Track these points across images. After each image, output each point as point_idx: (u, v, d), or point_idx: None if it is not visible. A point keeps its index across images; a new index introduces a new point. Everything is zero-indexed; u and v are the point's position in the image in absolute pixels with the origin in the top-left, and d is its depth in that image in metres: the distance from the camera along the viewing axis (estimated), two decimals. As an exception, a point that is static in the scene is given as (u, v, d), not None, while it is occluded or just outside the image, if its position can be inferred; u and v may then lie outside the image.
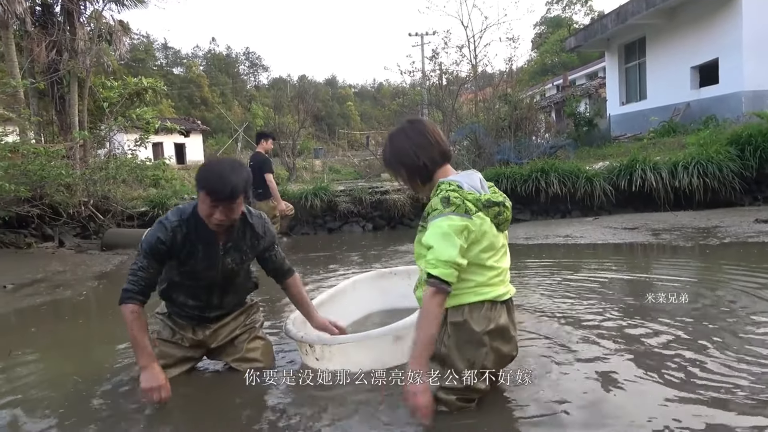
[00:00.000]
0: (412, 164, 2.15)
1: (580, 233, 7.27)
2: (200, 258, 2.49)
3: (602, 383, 2.44)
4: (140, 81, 13.51)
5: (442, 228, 1.98)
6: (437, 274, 1.95)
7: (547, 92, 27.10)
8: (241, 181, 2.33)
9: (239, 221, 2.52)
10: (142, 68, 41.42)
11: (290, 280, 2.83)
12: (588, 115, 16.39)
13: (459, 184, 2.08)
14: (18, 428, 2.34)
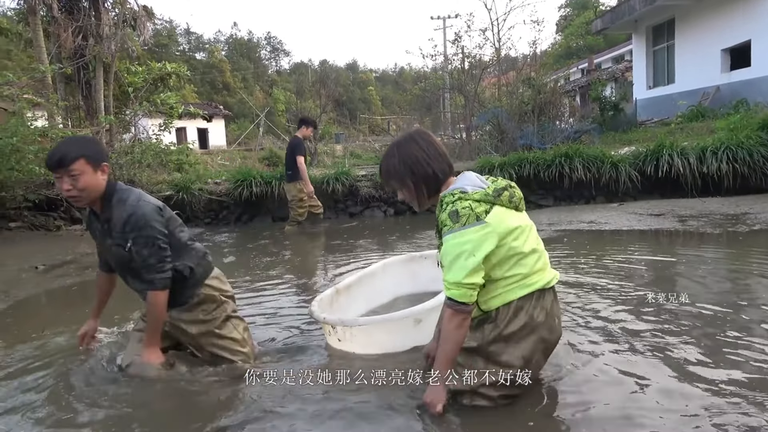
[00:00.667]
0: (423, 173, 2.06)
1: (605, 219, 7.18)
2: (98, 237, 2.61)
3: (624, 380, 2.42)
4: (164, 66, 13.61)
5: (454, 247, 1.95)
6: (450, 296, 1.96)
7: (571, 76, 26.62)
8: (72, 150, 2.32)
9: (110, 199, 2.45)
10: (165, 53, 41.73)
11: (148, 295, 2.50)
12: (614, 99, 16.07)
13: (461, 189, 2.02)
14: (53, 394, 2.48)
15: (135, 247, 2.41)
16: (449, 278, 1.95)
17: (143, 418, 2.26)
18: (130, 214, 2.41)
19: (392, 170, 2.10)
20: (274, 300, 4.15)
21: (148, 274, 2.45)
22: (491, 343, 2.04)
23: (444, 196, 2.05)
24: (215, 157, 20.19)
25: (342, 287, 3.29)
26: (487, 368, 2.05)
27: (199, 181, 9.64)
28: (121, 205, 2.44)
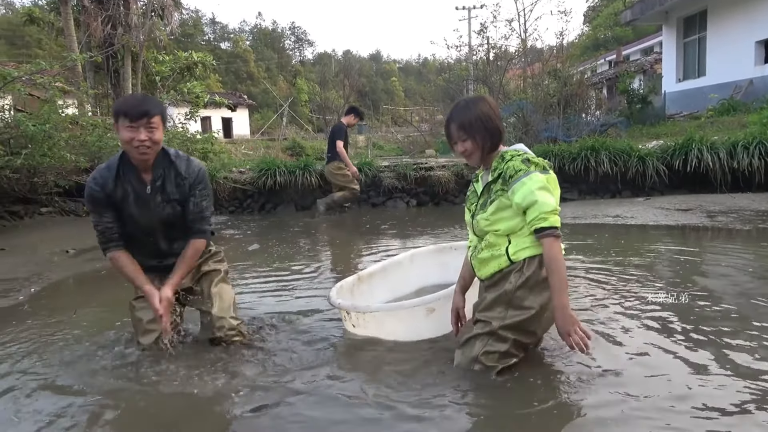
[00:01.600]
0: (494, 128, 2.30)
1: (631, 213, 7.08)
2: (132, 201, 2.55)
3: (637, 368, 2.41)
4: (191, 55, 13.78)
5: (536, 183, 2.16)
6: (550, 224, 2.13)
7: (598, 68, 26.18)
8: (154, 105, 2.45)
9: (164, 160, 2.56)
10: (191, 43, 42.18)
11: (192, 242, 2.65)
12: (642, 91, 15.79)
13: (524, 150, 2.32)
14: (84, 366, 2.61)
15: (197, 199, 2.60)
16: (543, 209, 2.12)
17: (156, 396, 2.33)
18: (201, 168, 2.64)
19: (466, 123, 2.30)
20: (295, 286, 4.20)
21: (202, 224, 2.64)
22: (517, 289, 2.24)
23: (506, 152, 2.31)
24: (239, 146, 20.38)
25: (365, 275, 3.31)
26: (507, 312, 2.26)
27: (224, 170, 9.75)
28: (185, 161, 2.61)
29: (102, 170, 2.55)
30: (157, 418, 2.14)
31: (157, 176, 2.55)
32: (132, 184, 2.54)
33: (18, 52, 32.64)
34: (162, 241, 2.67)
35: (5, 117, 7.53)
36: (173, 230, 2.66)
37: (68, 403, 2.25)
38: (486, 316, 2.31)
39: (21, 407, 2.23)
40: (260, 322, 3.18)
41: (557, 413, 2.05)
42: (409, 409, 2.09)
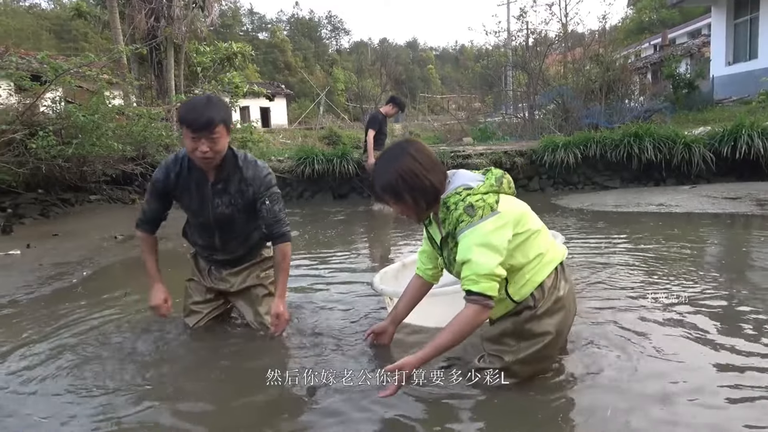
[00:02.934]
0: (421, 186, 1.97)
1: (675, 202, 6.89)
2: (193, 197, 2.58)
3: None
4: (230, 46, 13.99)
5: (476, 238, 1.90)
6: (479, 290, 1.89)
7: (643, 52, 25.33)
8: (218, 112, 2.36)
9: (229, 163, 2.54)
10: (230, 34, 42.76)
11: (277, 247, 2.64)
12: (688, 76, 15.22)
13: (465, 186, 1.98)
14: (129, 345, 2.71)
15: (270, 204, 2.57)
16: (477, 271, 1.89)
17: (201, 377, 2.42)
18: (268, 173, 2.61)
19: (389, 186, 1.99)
20: (336, 273, 4.26)
21: (280, 227, 2.60)
22: (527, 322, 2.04)
23: (448, 197, 1.99)
24: (277, 135, 20.67)
25: (410, 262, 3.33)
26: (519, 344, 2.05)
27: (263, 159, 9.91)
28: (252, 165, 2.58)
29: (169, 162, 2.59)
30: (202, 397, 2.22)
31: (221, 178, 2.55)
32: (195, 181, 2.57)
33: (66, 46, 33.75)
34: (217, 239, 2.70)
35: (57, 108, 7.83)
36: (229, 231, 2.68)
37: (120, 378, 2.36)
38: (496, 350, 2.10)
39: (74, 382, 2.34)
40: (300, 310, 3.25)
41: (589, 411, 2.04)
42: (437, 394, 2.11)
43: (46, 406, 2.14)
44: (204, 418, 2.04)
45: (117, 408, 2.11)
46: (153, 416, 2.04)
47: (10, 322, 3.29)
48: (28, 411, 2.10)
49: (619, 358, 2.35)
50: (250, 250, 2.81)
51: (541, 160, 9.10)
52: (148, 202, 2.67)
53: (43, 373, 2.44)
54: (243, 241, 2.75)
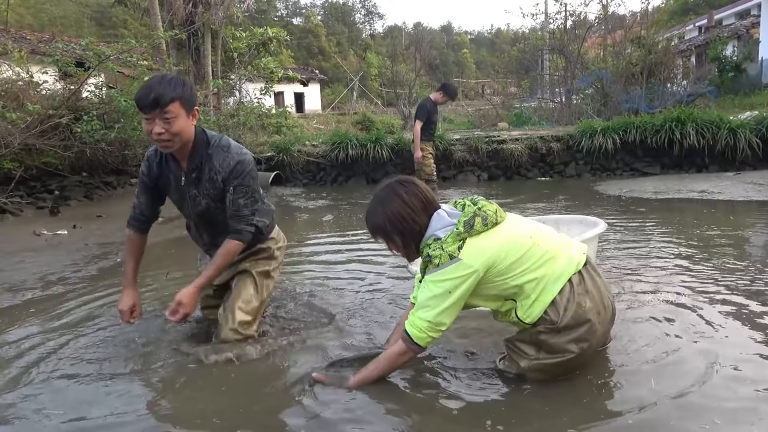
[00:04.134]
0: (410, 230, 1.99)
1: (718, 189, 6.68)
2: (172, 189, 2.39)
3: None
4: (265, 31, 14.08)
5: (430, 285, 1.92)
6: (410, 334, 1.94)
7: (687, 34, 24.45)
8: (171, 89, 2.12)
9: (201, 149, 2.30)
10: (265, 19, 42.95)
11: (225, 241, 2.36)
12: (735, 58, 14.67)
13: (434, 237, 1.96)
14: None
15: (233, 195, 2.31)
16: (419, 315, 1.93)
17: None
18: (238, 161, 2.30)
19: (378, 228, 2.04)
20: (370, 255, 4.30)
21: (237, 223, 2.34)
22: (542, 333, 1.96)
23: (423, 246, 2.00)
24: (310, 120, 20.79)
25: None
26: (539, 355, 1.99)
27: (298, 143, 10.02)
28: (223, 151, 2.32)
29: (151, 153, 2.41)
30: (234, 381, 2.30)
31: (193, 167, 2.32)
32: (173, 172, 2.37)
33: (106, 33, 34.53)
34: (205, 234, 2.53)
35: (100, 94, 8.06)
36: (212, 225, 2.46)
37: (160, 357, 2.45)
38: (515, 355, 2.06)
39: (115, 354, 2.45)
40: (333, 293, 3.30)
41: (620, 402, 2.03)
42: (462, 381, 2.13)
43: (88, 379, 2.25)
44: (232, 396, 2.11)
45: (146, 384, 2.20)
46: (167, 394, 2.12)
47: (59, 299, 3.44)
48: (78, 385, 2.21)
49: (653, 346, 2.32)
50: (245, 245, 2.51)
51: (578, 146, 8.93)
52: (137, 196, 2.47)
53: (87, 345, 2.56)
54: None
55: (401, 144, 9.45)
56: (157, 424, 1.87)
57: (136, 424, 1.87)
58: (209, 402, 2.01)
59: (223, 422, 1.87)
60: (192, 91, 2.25)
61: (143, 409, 1.97)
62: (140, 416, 1.92)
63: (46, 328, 2.87)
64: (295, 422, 1.86)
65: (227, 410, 1.95)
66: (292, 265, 4.10)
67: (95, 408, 1.98)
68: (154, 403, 2.03)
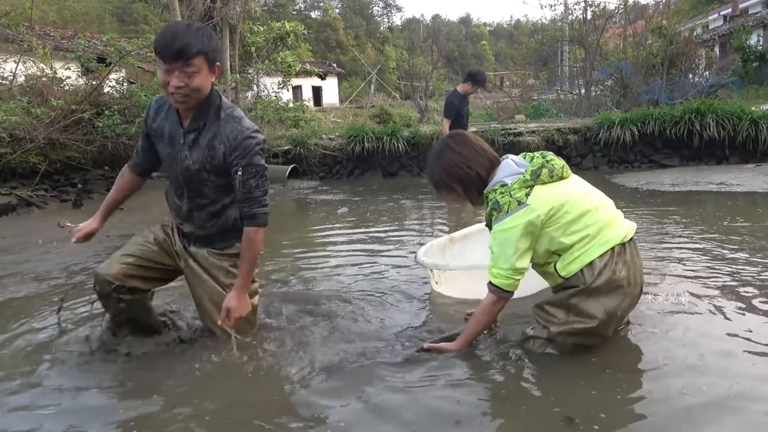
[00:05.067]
0: (467, 176, 2.13)
1: (738, 181, 6.60)
2: (165, 143, 2.19)
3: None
4: (283, 25, 14.16)
5: (500, 235, 2.04)
6: (497, 285, 2.07)
7: (711, 24, 23.97)
8: (198, 40, 1.93)
9: (210, 111, 2.10)
10: (283, 13, 43.07)
11: (245, 230, 2.17)
12: (760, 48, 14.35)
13: (501, 183, 2.08)
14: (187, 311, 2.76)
15: (243, 176, 2.09)
16: (500, 264, 2.05)
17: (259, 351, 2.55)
18: (248, 136, 2.09)
19: (438, 180, 2.19)
20: (384, 247, 4.36)
21: (250, 207, 2.14)
22: (573, 296, 2.07)
23: (487, 193, 2.12)
24: (328, 114, 20.87)
25: (458, 236, 3.38)
26: (568, 318, 2.09)
27: (315, 137, 10.10)
28: (234, 121, 2.10)
29: (159, 99, 2.26)
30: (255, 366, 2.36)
31: (194, 127, 2.12)
32: (170, 124, 2.18)
33: (127, 29, 34.97)
34: (184, 202, 2.25)
35: (121, 88, 8.23)
36: (197, 195, 2.22)
37: (171, 348, 2.53)
38: (545, 320, 2.16)
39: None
40: (347, 283, 3.36)
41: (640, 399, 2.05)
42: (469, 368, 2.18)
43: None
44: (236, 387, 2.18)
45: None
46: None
47: (83, 288, 3.56)
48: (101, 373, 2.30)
49: (666, 335, 2.34)
50: (223, 231, 2.28)
51: (596, 138, 8.86)
52: (141, 140, 2.33)
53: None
54: (214, 214, 2.24)
55: (417, 137, 9.47)
56: (162, 405, 1.95)
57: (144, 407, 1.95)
58: (232, 395, 2.08)
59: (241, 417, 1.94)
60: (218, 45, 2.09)
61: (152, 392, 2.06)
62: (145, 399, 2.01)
63: (72, 315, 2.97)
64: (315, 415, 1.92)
65: (255, 402, 2.02)
66: (306, 257, 4.17)
67: (103, 394, 2.07)
68: (159, 386, 2.11)
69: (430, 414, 1.82)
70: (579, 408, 1.82)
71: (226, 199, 2.21)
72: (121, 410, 1.93)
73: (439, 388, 1.98)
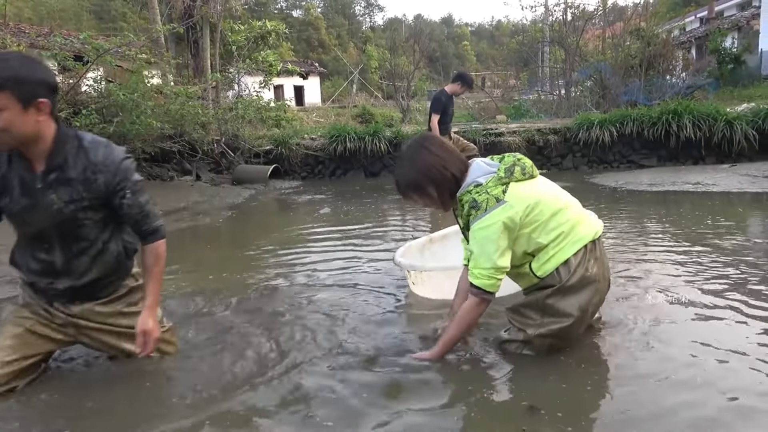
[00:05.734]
0: (442, 178, 2.07)
1: (713, 180, 6.72)
2: (17, 192, 1.91)
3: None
4: (264, 24, 14.06)
5: (480, 233, 2.00)
6: (479, 285, 2.02)
7: (687, 26, 24.39)
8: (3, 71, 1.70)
9: (67, 145, 1.90)
10: (264, 12, 42.82)
11: (150, 247, 2.07)
12: (735, 50, 14.64)
13: (475, 183, 2.05)
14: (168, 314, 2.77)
15: (133, 197, 1.97)
16: (481, 264, 2.00)
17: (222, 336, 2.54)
18: (124, 158, 1.96)
19: (410, 182, 2.11)
20: (365, 248, 4.35)
21: (149, 223, 2.04)
22: (550, 296, 2.08)
23: (461, 195, 2.08)
24: (310, 113, 20.79)
25: (437, 236, 3.38)
26: (543, 319, 2.11)
27: (296, 137, 10.05)
28: (104, 148, 1.94)
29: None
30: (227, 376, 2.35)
31: (54, 165, 1.89)
32: (18, 174, 1.91)
33: (105, 27, 34.45)
34: (58, 254, 2.00)
35: (98, 87, 8.09)
36: (74, 240, 2.00)
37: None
38: (520, 323, 2.17)
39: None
40: (324, 284, 3.35)
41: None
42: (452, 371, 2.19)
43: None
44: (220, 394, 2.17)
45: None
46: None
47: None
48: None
49: (636, 337, 2.38)
50: (106, 272, 2.10)
51: (575, 138, 8.96)
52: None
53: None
54: (95, 256, 2.04)
55: (399, 137, 9.48)
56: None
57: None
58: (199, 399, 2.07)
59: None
60: (39, 77, 1.79)
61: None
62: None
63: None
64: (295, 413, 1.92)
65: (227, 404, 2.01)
66: (287, 257, 4.15)
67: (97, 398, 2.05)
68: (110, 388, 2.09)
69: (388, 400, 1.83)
70: (547, 399, 1.87)
71: (105, 234, 2.05)
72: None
73: (408, 385, 1.99)
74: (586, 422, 1.76)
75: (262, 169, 9.03)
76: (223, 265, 4.06)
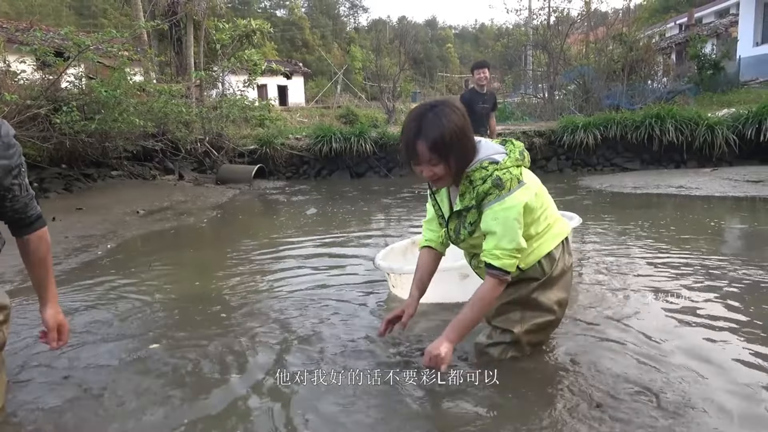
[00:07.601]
0: (466, 148, 1.87)
1: (696, 184, 6.82)
2: None
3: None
4: (249, 23, 13.95)
5: (504, 214, 1.85)
6: (500, 266, 1.88)
7: (668, 32, 24.77)
8: None
9: None
10: (248, 11, 42.56)
11: (37, 234, 1.83)
12: (714, 57, 14.88)
13: (491, 160, 1.90)
14: (150, 317, 2.73)
15: (22, 179, 1.73)
16: (501, 246, 1.87)
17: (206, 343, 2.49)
18: (14, 134, 1.69)
19: (441, 142, 1.80)
20: (350, 248, 4.32)
21: (35, 207, 1.82)
22: (533, 292, 2.07)
23: (473, 171, 1.90)
24: (294, 114, 20.66)
25: (419, 239, 3.36)
26: (524, 313, 2.09)
27: (281, 137, 9.98)
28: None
29: None
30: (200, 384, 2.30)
31: None
32: None
33: (85, 23, 33.89)
34: None
35: (80, 84, 7.94)
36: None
37: (146, 350, 2.45)
38: (504, 323, 2.11)
39: (101, 351, 2.44)
40: (306, 285, 3.31)
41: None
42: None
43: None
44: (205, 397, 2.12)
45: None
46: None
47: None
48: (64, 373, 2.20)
49: (618, 341, 2.38)
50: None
51: (560, 141, 9.03)
52: None
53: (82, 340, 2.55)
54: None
55: (385, 138, 9.47)
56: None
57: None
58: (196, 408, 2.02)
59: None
60: None
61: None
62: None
63: (28, 320, 2.84)
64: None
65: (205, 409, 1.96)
66: (271, 257, 4.10)
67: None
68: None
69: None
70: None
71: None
72: None
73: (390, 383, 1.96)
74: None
75: (247, 169, 8.95)
76: (206, 266, 3.99)
